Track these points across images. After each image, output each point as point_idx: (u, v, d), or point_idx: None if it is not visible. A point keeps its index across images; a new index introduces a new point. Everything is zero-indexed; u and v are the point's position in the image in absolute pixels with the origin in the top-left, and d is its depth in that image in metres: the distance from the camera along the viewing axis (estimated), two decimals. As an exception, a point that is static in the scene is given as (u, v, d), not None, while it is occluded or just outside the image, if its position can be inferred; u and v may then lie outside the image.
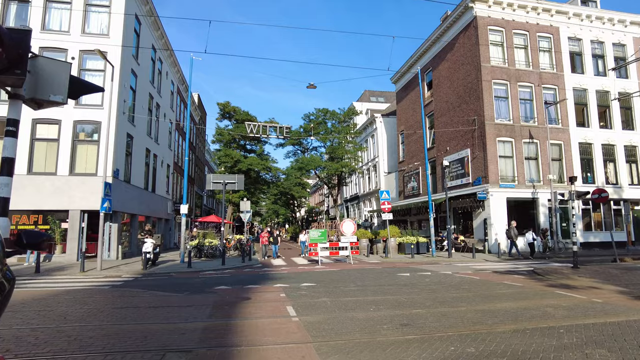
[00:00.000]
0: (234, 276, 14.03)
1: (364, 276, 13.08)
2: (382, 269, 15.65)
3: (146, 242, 16.49)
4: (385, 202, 21.44)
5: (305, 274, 14.32)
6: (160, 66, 28.80)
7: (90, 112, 19.18)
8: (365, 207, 44.65)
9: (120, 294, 9.62)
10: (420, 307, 7.54)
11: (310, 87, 20.88)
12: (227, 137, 39.50)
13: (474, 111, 25.00)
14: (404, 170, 35.26)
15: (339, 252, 18.51)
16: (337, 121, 39.66)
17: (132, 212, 22.47)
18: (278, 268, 16.91)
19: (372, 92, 51.47)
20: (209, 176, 22.95)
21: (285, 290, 9.86)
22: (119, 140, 19.83)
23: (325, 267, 16.72)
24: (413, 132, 33.59)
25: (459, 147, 26.63)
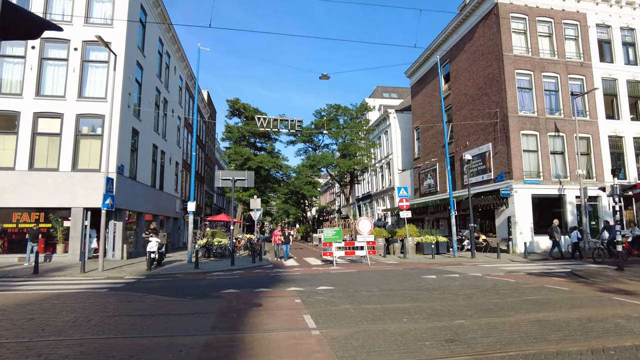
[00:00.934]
0: (243, 278, 12.98)
1: (385, 278, 11.92)
2: (403, 270, 14.46)
3: (151, 241, 15.53)
4: (403, 199, 20.23)
5: (320, 275, 13.20)
6: (168, 60, 27.95)
7: (93, 105, 18.31)
8: (378, 206, 43.38)
9: (116, 298, 8.61)
10: (461, 317, 6.38)
11: (323, 77, 19.77)
12: (236, 134, 38.62)
13: (496, 103, 23.65)
14: (419, 167, 33.95)
15: (354, 252, 17.38)
16: (349, 117, 38.52)
17: (138, 210, 21.59)
18: (290, 269, 15.83)
19: (384, 88, 50.16)
20: (217, 173, 21.95)
21: (300, 295, 8.77)
22: (123, 134, 18.94)
23: (341, 268, 15.59)
24: (429, 127, 32.27)
25: (480, 142, 25.28)
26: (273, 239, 20.64)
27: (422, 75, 34.05)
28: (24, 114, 17.85)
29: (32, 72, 18.10)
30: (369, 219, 17.64)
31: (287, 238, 19.83)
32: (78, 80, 18.41)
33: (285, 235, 20.38)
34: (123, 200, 18.85)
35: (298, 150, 42.93)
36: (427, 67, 33.09)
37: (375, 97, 49.07)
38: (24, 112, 17.86)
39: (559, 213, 22.86)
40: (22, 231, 17.30)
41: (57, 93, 18.30)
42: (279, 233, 20.19)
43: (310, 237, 54.82)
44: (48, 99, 18.12)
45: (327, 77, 19.79)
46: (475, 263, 17.10)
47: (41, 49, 18.31)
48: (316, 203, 77.45)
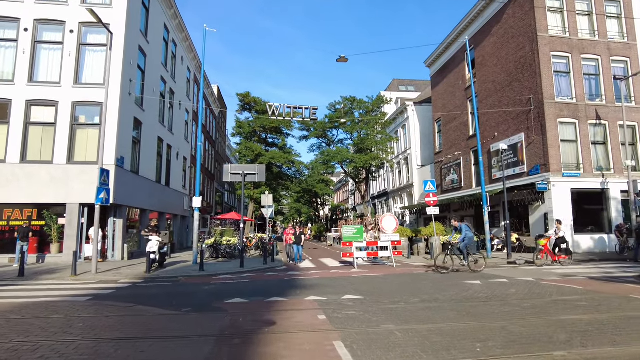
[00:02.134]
0: (253, 283, 11.24)
1: (420, 284, 10.07)
2: (435, 274, 12.57)
3: (151, 240, 13.91)
4: (430, 194, 18.30)
5: (342, 280, 11.40)
6: (175, 49, 26.42)
7: (90, 92, 16.79)
8: (395, 204, 41.35)
9: (94, 311, 6.92)
10: (556, 345, 4.53)
11: (340, 60, 17.94)
12: (247, 129, 37.03)
13: (529, 89, 21.53)
14: (441, 161, 31.88)
15: (378, 253, 15.52)
16: (364, 111, 36.59)
17: (141, 207, 20.05)
18: (306, 272, 14.05)
19: (400, 80, 48.08)
20: (226, 167, 20.29)
21: (323, 308, 6.98)
22: (123, 123, 17.39)
23: (364, 271, 13.76)
24: (452, 119, 30.20)
25: (510, 132, 23.17)
26: (285, 239, 18.38)
27: (444, 64, 31.96)
28: (15, 102, 16.41)
29: (24, 56, 16.66)
30: (393, 216, 15.77)
31: (298, 238, 17.82)
32: (74, 65, 16.91)
33: (296, 235, 17.99)
34: (123, 196, 17.31)
35: (311, 146, 41.23)
36: (449, 55, 31.02)
37: (392, 91, 47.04)
38: (16, 99, 16.42)
39: (601, 209, 20.69)
40: (14, 229, 15.85)
41: (52, 79, 16.83)
42: (291, 232, 17.81)
43: (323, 236, 53.04)
44: (42, 85, 16.65)
45: (345, 60, 17.97)
46: (517, 265, 15.12)
47: (34, 31, 16.86)
48: (329, 202, 75.67)
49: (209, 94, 38.60)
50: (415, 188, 36.62)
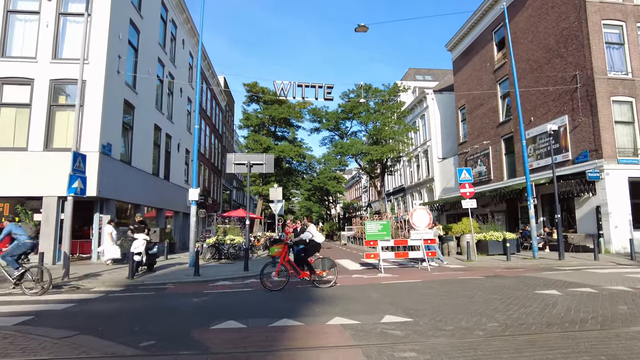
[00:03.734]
0: (256, 293, 8.81)
1: (480, 295, 7.53)
2: (487, 280, 9.99)
3: (136, 239, 11.59)
4: (465, 183, 15.68)
5: (370, 289, 8.90)
6: (175, 31, 24.16)
7: (72, 69, 14.49)
8: (414, 200, 38.64)
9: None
10: None
11: (360, 29, 15.42)
12: (255, 120, 34.70)
13: (574, 65, 18.77)
14: (465, 152, 29.15)
15: (408, 254, 12.97)
16: (380, 99, 34.01)
17: (134, 202, 17.77)
18: (323, 276, 11.59)
19: (417, 69, 45.33)
20: (229, 156, 17.88)
21: (360, 343, 4.50)
22: (110, 105, 15.11)
23: (393, 276, 11.25)
24: (479, 105, 27.45)
25: (550, 116, 20.41)
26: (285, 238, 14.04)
27: (468, 45, 29.21)
28: (-15, 81, 14.21)
29: (-5, 28, 14.46)
30: (425, 209, 13.20)
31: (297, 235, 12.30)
32: (53, 38, 14.66)
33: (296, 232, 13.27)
34: (111, 188, 15.04)
35: (323, 139, 38.98)
36: (473, 35, 28.27)
37: (408, 80, 44.28)
38: (-15, 77, 14.23)
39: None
40: (-18, 227, 13.65)
41: (27, 54, 14.59)
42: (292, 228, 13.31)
43: (336, 235, 50.55)
44: (15, 60, 14.43)
45: (365, 29, 15.43)
46: (577, 266, 12.46)
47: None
48: (341, 200, 73.15)
49: (214, 85, 36.36)
50: (436, 182, 33.91)
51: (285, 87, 15.90)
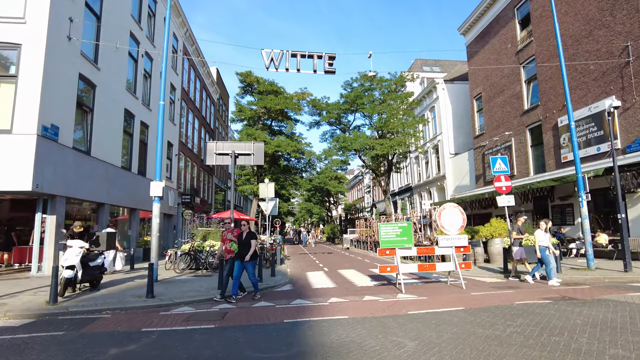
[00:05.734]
0: (223, 333, 5.75)
1: (583, 343, 4.43)
2: (555, 304, 6.89)
3: (71, 247, 8.50)
4: (500, 176, 12.61)
5: (396, 326, 5.83)
6: (154, 6, 21.14)
7: (4, 29, 11.46)
8: (422, 200, 35.50)
9: None
10: None
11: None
12: (248, 113, 31.62)
13: (625, 34, 15.70)
14: (482, 146, 26.05)
15: (435, 266, 9.85)
16: (387, 90, 30.96)
17: (94, 200, 14.67)
18: (323, 298, 8.51)
19: (424, 60, 42.30)
20: (210, 145, 14.87)
21: None
22: (56, 77, 12.05)
23: (421, 299, 8.17)
24: (498, 93, 24.36)
25: (590, 98, 17.33)
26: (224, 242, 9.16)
27: (484, 28, 26.13)
28: None
29: None
30: (458, 208, 10.09)
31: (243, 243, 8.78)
32: (-18, -8, 11.62)
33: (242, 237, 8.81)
34: (58, 182, 11.98)
35: (323, 134, 35.72)
36: (491, 15, 25.20)
37: (415, 71, 41.24)
38: None
39: None
40: None
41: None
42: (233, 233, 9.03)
43: (338, 238, 47.44)
44: None
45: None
46: (663, 285, 9.37)
47: None
48: (342, 201, 70.04)
49: (205, 75, 33.33)
50: (447, 180, 30.80)
51: (276, 58, 12.84)
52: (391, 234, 9.50)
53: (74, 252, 8.40)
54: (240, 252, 8.61)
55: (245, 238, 8.72)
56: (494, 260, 15.28)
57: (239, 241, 8.70)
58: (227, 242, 8.91)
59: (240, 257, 8.56)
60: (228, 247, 8.83)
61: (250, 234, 8.78)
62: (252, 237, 8.62)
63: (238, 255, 8.62)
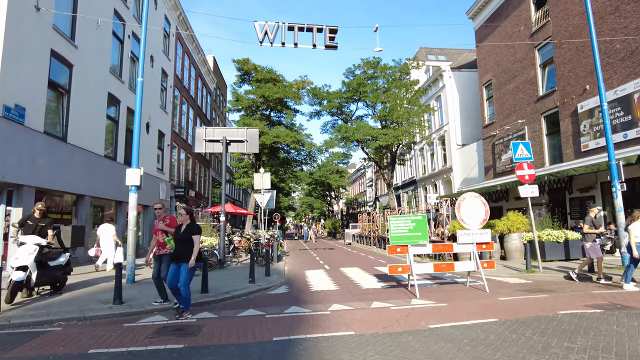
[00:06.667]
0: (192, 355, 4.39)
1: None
2: (612, 315, 5.53)
3: (22, 246, 7.17)
4: (523, 163, 11.22)
5: (423, 356, 4.45)
6: (142, -15, 19.66)
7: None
8: (427, 194, 34.12)
9: None
10: None
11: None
12: (246, 102, 30.17)
13: (654, 11, 14.24)
14: (492, 136, 24.61)
15: (454, 266, 8.47)
16: (391, 77, 29.52)
17: (70, 191, 13.33)
18: (323, 303, 7.20)
19: (429, 49, 40.75)
20: (198, 131, 13.59)
21: None
22: (20, 51, 10.67)
23: (440, 306, 6.83)
24: (510, 79, 22.90)
25: (616, 81, 15.87)
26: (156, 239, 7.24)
27: (495, 10, 24.59)
28: None
29: None
30: (480, 199, 8.71)
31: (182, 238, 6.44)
32: None
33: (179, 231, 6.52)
34: (24, 170, 10.64)
35: (324, 125, 34.24)
36: (503, -5, 23.68)
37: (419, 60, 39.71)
38: None
39: None
40: None
41: None
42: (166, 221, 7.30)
43: (339, 233, 46.14)
44: None
45: None
46: None
47: None
48: (344, 195, 68.68)
49: (200, 63, 31.87)
50: (454, 172, 29.39)
51: (270, 31, 11.44)
52: (403, 229, 8.13)
53: (27, 249, 7.07)
54: (176, 252, 6.36)
55: (184, 232, 6.33)
56: (512, 258, 13.94)
57: (175, 236, 6.48)
58: (159, 233, 7.09)
59: (176, 259, 6.31)
60: (160, 240, 7.03)
61: (192, 228, 6.38)
62: (194, 232, 6.32)
63: (173, 256, 6.44)
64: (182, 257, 6.24)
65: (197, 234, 6.37)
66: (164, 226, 7.01)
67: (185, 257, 6.20)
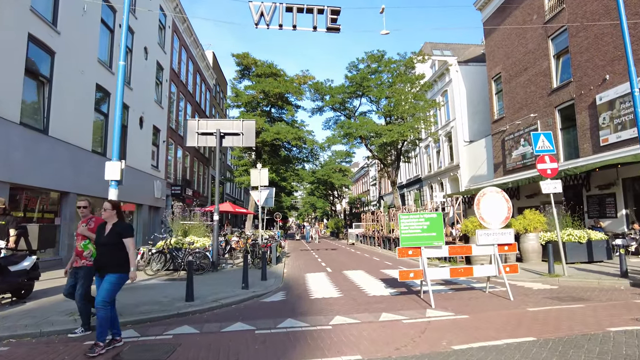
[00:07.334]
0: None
1: None
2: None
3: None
4: (544, 156, 10.19)
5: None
6: (134, -28, 18.72)
7: None
8: (433, 192, 33.03)
9: None
10: None
11: None
12: (245, 98, 29.19)
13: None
14: (502, 131, 23.52)
15: (472, 270, 7.44)
16: (396, 72, 28.48)
17: (54, 188, 12.41)
18: (323, 314, 6.21)
19: (434, 44, 39.66)
20: (191, 123, 12.62)
21: None
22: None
23: (461, 319, 5.81)
24: (520, 72, 21.81)
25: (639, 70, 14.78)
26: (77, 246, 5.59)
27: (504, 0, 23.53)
28: None
29: None
30: (502, 194, 7.70)
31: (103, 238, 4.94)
32: None
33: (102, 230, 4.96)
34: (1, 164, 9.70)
35: (326, 121, 33.22)
36: (514, -16, 22.58)
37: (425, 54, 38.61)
38: None
39: None
40: None
41: None
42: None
43: (342, 233, 45.14)
44: None
45: None
46: None
47: None
48: (347, 194, 67.65)
49: (199, 58, 30.93)
50: (462, 170, 28.32)
51: (267, 12, 10.43)
52: (415, 229, 7.11)
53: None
54: (98, 259, 4.82)
55: (110, 235, 4.79)
56: (528, 259, 12.91)
57: (97, 240, 4.91)
58: (79, 239, 5.44)
59: (99, 269, 4.77)
60: (79, 248, 5.38)
61: (121, 228, 4.85)
62: (126, 234, 4.81)
63: (95, 265, 4.89)
64: (106, 266, 4.68)
65: (130, 236, 4.85)
66: (86, 230, 5.36)
67: (111, 266, 4.66)
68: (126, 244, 4.77)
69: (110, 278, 4.63)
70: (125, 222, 5.07)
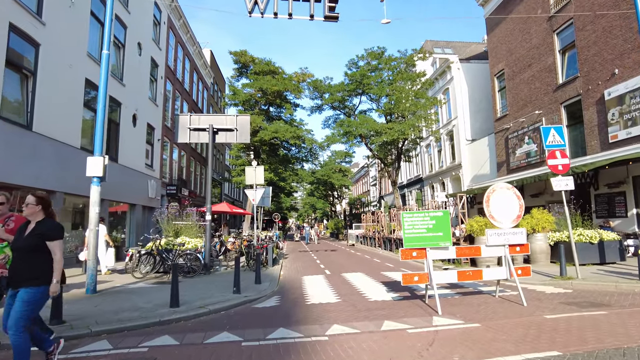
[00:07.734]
0: None
1: None
2: None
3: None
4: (555, 151, 9.59)
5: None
6: (127, -35, 18.17)
7: None
8: (435, 192, 32.43)
9: None
10: None
11: None
12: (243, 96, 28.64)
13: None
14: (505, 129, 22.93)
15: (481, 273, 6.86)
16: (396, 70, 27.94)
17: (38, 187, 11.77)
18: (320, 325, 5.60)
19: (435, 42, 39.11)
20: (182, 119, 12.05)
21: None
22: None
23: (472, 328, 5.22)
24: (524, 68, 21.24)
25: (650, 63, 14.22)
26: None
27: (508, -6, 22.96)
28: None
29: None
30: (512, 190, 7.11)
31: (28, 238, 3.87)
32: None
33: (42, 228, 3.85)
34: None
35: (326, 120, 32.70)
36: (517, -22, 22.02)
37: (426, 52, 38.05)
38: None
39: None
40: None
41: None
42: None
43: (342, 233, 44.54)
44: None
45: None
46: None
47: None
48: (347, 195, 67.04)
49: (196, 55, 30.37)
50: (464, 169, 27.74)
51: (260, 3, 9.87)
52: (420, 228, 6.52)
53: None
54: (12, 268, 3.81)
55: (29, 236, 3.75)
56: (536, 261, 12.29)
57: (14, 243, 3.89)
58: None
59: (12, 281, 3.72)
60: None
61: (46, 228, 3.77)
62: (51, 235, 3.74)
63: (9, 275, 3.88)
64: (21, 278, 3.62)
65: (57, 238, 3.77)
66: (3, 232, 4.56)
67: (27, 278, 3.60)
68: (51, 249, 3.69)
69: (24, 295, 3.53)
70: (54, 221, 3.95)
